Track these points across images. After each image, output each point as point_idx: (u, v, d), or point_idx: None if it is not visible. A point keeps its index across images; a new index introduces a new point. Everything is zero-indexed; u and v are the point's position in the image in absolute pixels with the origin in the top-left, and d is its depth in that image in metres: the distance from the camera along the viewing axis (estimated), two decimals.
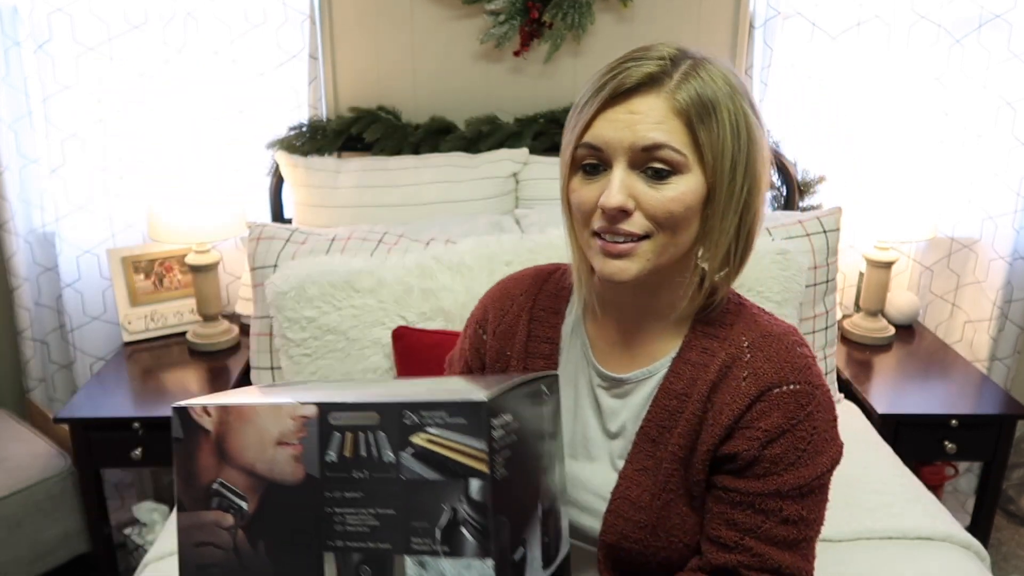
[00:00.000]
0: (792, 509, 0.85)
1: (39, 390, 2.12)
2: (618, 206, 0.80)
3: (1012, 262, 2.11)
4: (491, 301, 1.05)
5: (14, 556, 1.78)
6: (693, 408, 0.88)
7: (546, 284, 1.02)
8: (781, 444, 0.84)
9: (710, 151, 0.80)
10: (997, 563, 2.09)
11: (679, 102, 0.80)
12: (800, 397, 0.85)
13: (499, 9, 1.95)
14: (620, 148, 0.80)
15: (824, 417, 0.86)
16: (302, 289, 1.53)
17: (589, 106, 0.82)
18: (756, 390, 0.85)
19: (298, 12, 1.99)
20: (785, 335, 0.89)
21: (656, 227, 0.81)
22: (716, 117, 0.80)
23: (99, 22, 1.95)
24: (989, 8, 1.99)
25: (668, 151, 0.79)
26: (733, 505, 0.87)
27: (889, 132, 2.09)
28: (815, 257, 1.68)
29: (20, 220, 2.00)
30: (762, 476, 0.85)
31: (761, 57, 2.03)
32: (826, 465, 0.86)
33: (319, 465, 0.63)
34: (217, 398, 0.72)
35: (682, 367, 0.90)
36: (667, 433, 0.89)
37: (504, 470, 0.62)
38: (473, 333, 1.05)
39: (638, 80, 0.80)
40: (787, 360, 0.86)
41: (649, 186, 0.80)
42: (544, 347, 0.99)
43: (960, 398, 1.79)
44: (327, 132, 2.00)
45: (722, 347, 0.89)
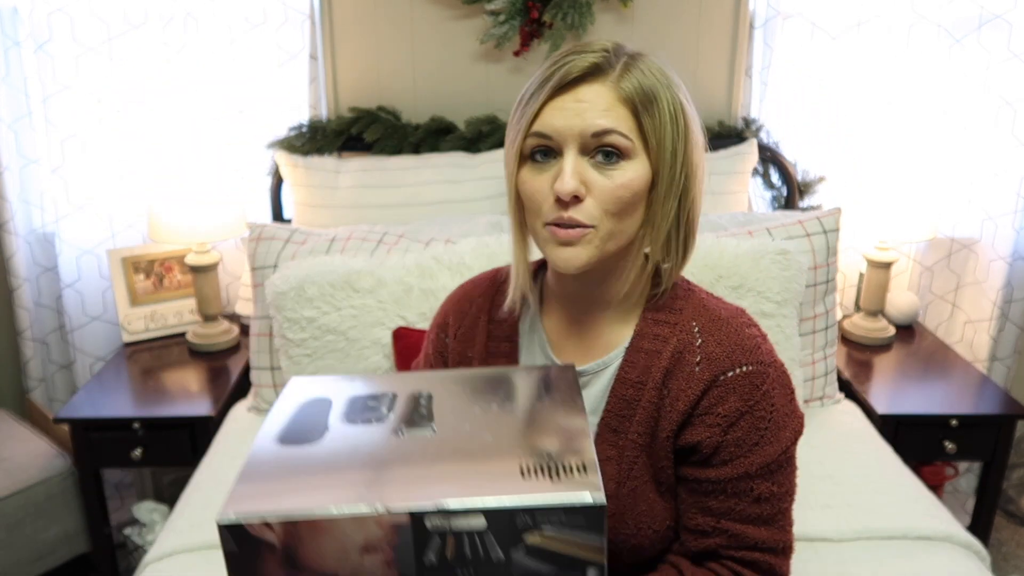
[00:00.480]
0: (763, 487, 0.87)
1: (39, 390, 2.12)
2: (573, 191, 0.81)
3: (1012, 262, 2.11)
4: (451, 305, 1.07)
5: (14, 556, 1.78)
6: (649, 396, 0.90)
7: (504, 284, 1.02)
8: (741, 427, 0.86)
9: (654, 137, 0.84)
10: (997, 563, 2.09)
11: (623, 90, 0.83)
12: (753, 378, 0.87)
13: (499, 9, 1.95)
14: (570, 135, 0.83)
15: (780, 393, 0.88)
16: (302, 289, 1.53)
17: (536, 97, 0.84)
18: (709, 375, 0.87)
19: (298, 12, 1.99)
20: (733, 317, 0.91)
21: (603, 215, 0.83)
22: (657, 106, 0.84)
23: (99, 22, 1.95)
24: (989, 8, 1.99)
25: (617, 136, 0.82)
26: (705, 494, 0.89)
27: (889, 132, 2.09)
28: (815, 257, 1.68)
29: (20, 220, 2.00)
30: (729, 461, 0.87)
31: (761, 57, 2.03)
32: (790, 439, 0.89)
33: (415, 568, 0.60)
34: (275, 500, 0.62)
35: (635, 356, 0.92)
36: (627, 422, 0.91)
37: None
38: (436, 338, 1.08)
39: (583, 70, 0.83)
40: (737, 343, 0.88)
41: (599, 172, 0.83)
42: (504, 346, 1.01)
43: (960, 398, 1.79)
44: (327, 132, 2.00)
45: (673, 333, 0.91)
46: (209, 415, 1.71)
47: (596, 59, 0.83)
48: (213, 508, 1.42)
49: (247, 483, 0.65)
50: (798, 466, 0.92)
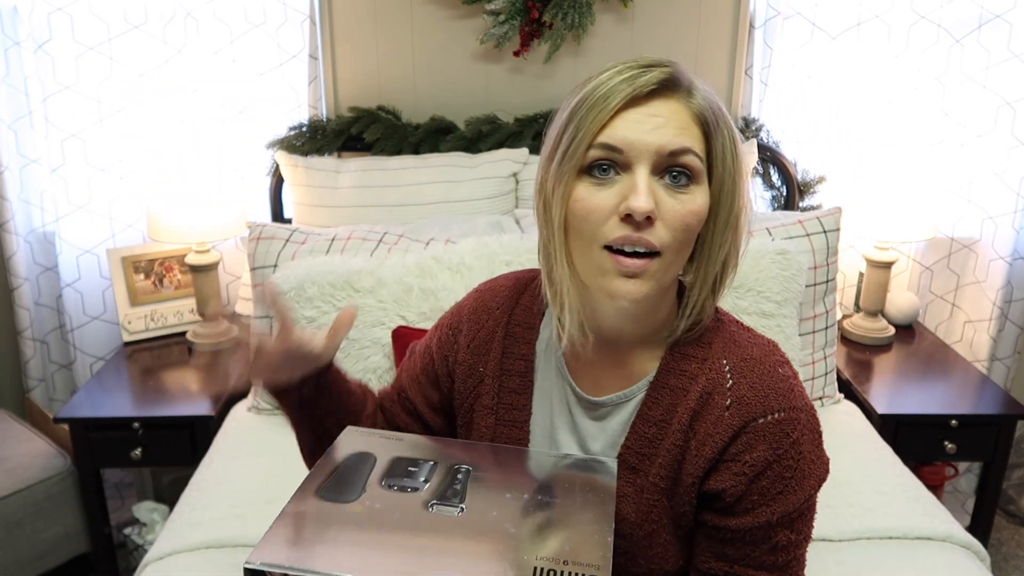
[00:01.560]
0: (782, 535, 0.84)
1: (39, 390, 2.12)
2: (649, 210, 0.74)
3: (1012, 262, 2.11)
4: (467, 313, 1.00)
5: (14, 556, 1.78)
6: (674, 438, 0.84)
7: (522, 297, 0.97)
8: (768, 476, 0.82)
9: (720, 162, 0.79)
10: (997, 563, 2.09)
11: (696, 108, 0.78)
12: (784, 425, 0.82)
13: (499, 9, 1.95)
14: (645, 151, 0.76)
15: (809, 439, 0.84)
16: (302, 289, 1.53)
17: (602, 107, 0.77)
18: (739, 421, 0.82)
19: (298, 12, 1.99)
20: (766, 356, 0.85)
21: (672, 241, 0.77)
22: (719, 129, 0.79)
23: (99, 22, 1.95)
24: (989, 8, 1.99)
25: (693, 157, 0.77)
26: (723, 541, 0.85)
27: (889, 132, 2.09)
28: (815, 257, 1.68)
29: (20, 220, 2.00)
30: (751, 510, 0.83)
31: (761, 57, 2.03)
32: (813, 487, 0.84)
33: None
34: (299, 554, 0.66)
35: (660, 392, 0.86)
36: (647, 461, 0.86)
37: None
38: (444, 338, 1.01)
39: (659, 82, 0.77)
40: (770, 386, 0.83)
41: (669, 194, 0.77)
42: (519, 364, 0.95)
43: (960, 398, 1.79)
44: (327, 132, 2.00)
45: (701, 370, 0.85)
46: (209, 415, 1.71)
47: (670, 71, 0.77)
48: (213, 508, 1.42)
49: (279, 530, 0.69)
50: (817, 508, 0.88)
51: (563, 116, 0.80)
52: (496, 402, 0.95)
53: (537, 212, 0.84)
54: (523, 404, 0.95)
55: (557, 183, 0.79)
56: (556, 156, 0.79)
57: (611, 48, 2.04)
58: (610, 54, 2.04)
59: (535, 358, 0.95)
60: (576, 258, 0.80)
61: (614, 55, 2.06)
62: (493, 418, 0.95)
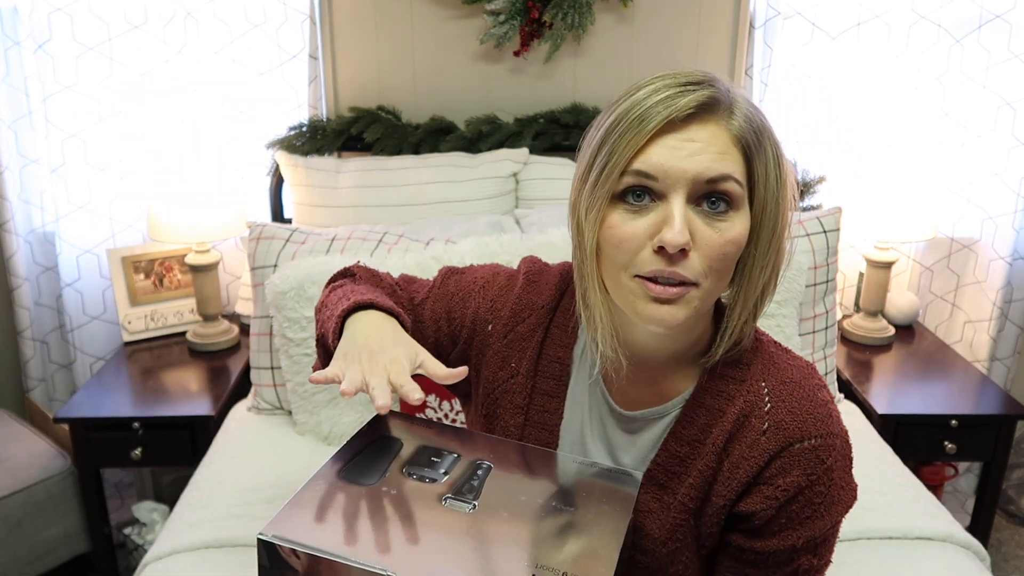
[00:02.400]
0: (804, 560, 0.83)
1: (39, 390, 2.12)
2: (684, 243, 0.71)
3: (1012, 262, 2.11)
4: (512, 303, 0.96)
5: (14, 556, 1.78)
6: (707, 459, 0.83)
7: (564, 298, 0.95)
8: (799, 502, 0.81)
9: (762, 186, 0.75)
10: (997, 563, 2.09)
11: (736, 130, 0.74)
12: (820, 452, 0.81)
13: (499, 9, 1.95)
14: (682, 179, 0.72)
15: (841, 466, 0.83)
16: (302, 289, 1.53)
17: (636, 130, 0.73)
18: (776, 446, 0.80)
19: (298, 12, 1.99)
20: (806, 379, 0.83)
21: (708, 271, 0.74)
22: (763, 148, 0.75)
23: (99, 22, 1.95)
24: (989, 8, 1.99)
25: (732, 184, 0.73)
26: (745, 563, 0.85)
27: (889, 132, 2.09)
28: (815, 257, 1.68)
29: (20, 220, 2.00)
30: (777, 533, 0.82)
31: (761, 57, 2.03)
32: (840, 513, 0.83)
33: None
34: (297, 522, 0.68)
35: (695, 411, 0.84)
36: (676, 480, 0.85)
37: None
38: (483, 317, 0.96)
39: (697, 105, 0.73)
40: (809, 411, 0.81)
41: (706, 223, 0.73)
42: (555, 367, 0.93)
43: (960, 398, 1.79)
44: (327, 132, 2.00)
45: (739, 391, 0.83)
46: (209, 415, 1.71)
47: (709, 93, 0.73)
48: (213, 508, 1.42)
49: (295, 507, 0.70)
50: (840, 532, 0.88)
51: (598, 135, 0.77)
52: (528, 403, 0.93)
53: (571, 232, 0.81)
54: (555, 408, 0.93)
55: (591, 208, 0.76)
56: (589, 179, 0.77)
57: (611, 48, 2.04)
58: (610, 54, 2.04)
59: (572, 363, 0.93)
60: (609, 283, 0.79)
61: (614, 55, 2.07)
62: (523, 418, 0.94)
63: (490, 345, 0.95)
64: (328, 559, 0.64)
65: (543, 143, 2.01)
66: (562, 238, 1.58)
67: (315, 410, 1.60)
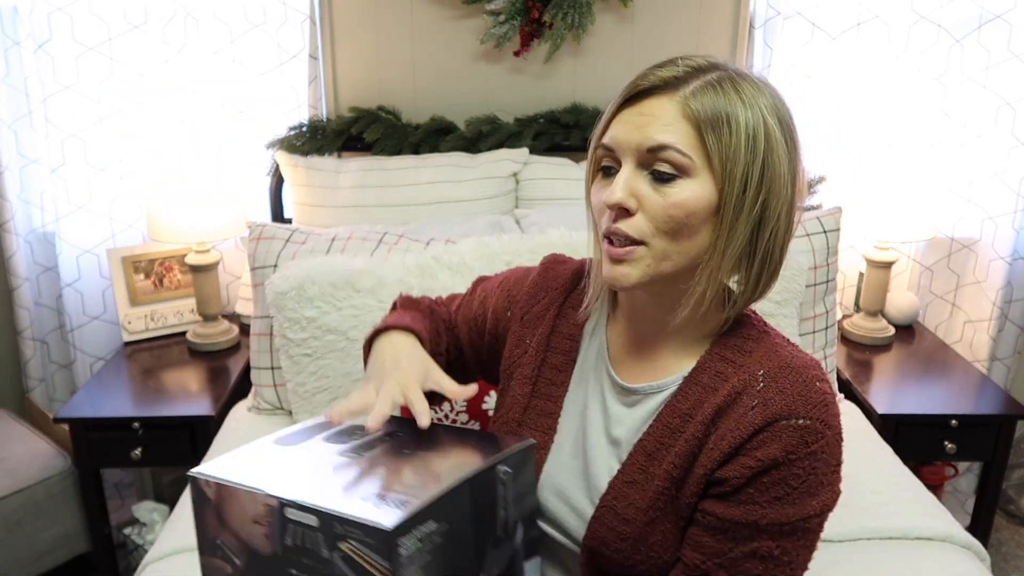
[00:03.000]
0: (765, 544, 0.81)
1: (39, 390, 2.12)
2: (616, 203, 0.81)
3: (1012, 262, 2.11)
4: (528, 287, 1.05)
5: (14, 556, 1.78)
6: (695, 430, 0.85)
7: (581, 283, 1.02)
8: (772, 476, 0.81)
9: (719, 157, 0.80)
10: (997, 563, 2.09)
11: (690, 107, 0.80)
12: (807, 434, 0.81)
13: (499, 9, 1.95)
14: (628, 148, 0.82)
15: (827, 460, 0.82)
16: (302, 289, 1.53)
17: (610, 109, 0.85)
18: (762, 419, 0.82)
19: (298, 12, 1.99)
20: (805, 368, 0.85)
21: (656, 231, 0.81)
22: (729, 127, 0.80)
23: (99, 22, 1.95)
24: (989, 8, 1.99)
25: (672, 152, 0.80)
26: (706, 528, 0.84)
27: (889, 132, 2.09)
28: (815, 257, 1.68)
29: (20, 220, 2.00)
30: (744, 503, 0.82)
31: (761, 57, 2.03)
32: (815, 508, 0.82)
33: (281, 546, 0.73)
34: (221, 464, 0.82)
35: (692, 387, 0.88)
36: (664, 450, 0.87)
37: (419, 572, 0.69)
38: (503, 306, 1.06)
39: (652, 83, 0.82)
40: (802, 394, 0.82)
41: (653, 188, 0.81)
42: (565, 343, 1.00)
43: (960, 398, 1.79)
44: (327, 132, 2.00)
45: (736, 373, 0.86)
46: (209, 415, 1.71)
47: (668, 74, 0.82)
48: None
49: (226, 457, 0.84)
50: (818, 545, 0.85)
51: None
52: (536, 375, 1.00)
53: None
54: (562, 380, 0.99)
55: (587, 177, 0.89)
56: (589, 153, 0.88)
57: (611, 48, 2.04)
58: (610, 54, 2.04)
59: (581, 339, 1.00)
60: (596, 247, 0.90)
61: (614, 55, 2.07)
62: (530, 388, 1.00)
63: (511, 329, 1.04)
64: (224, 485, 0.77)
65: (543, 143, 2.01)
66: (561, 238, 1.58)
67: (315, 411, 1.60)
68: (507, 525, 0.82)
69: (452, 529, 0.73)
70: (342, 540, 0.69)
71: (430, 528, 0.71)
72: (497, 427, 1.02)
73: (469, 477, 0.76)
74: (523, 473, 0.85)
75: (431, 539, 0.71)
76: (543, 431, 0.98)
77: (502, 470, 0.81)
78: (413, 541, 0.69)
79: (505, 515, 0.81)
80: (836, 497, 0.84)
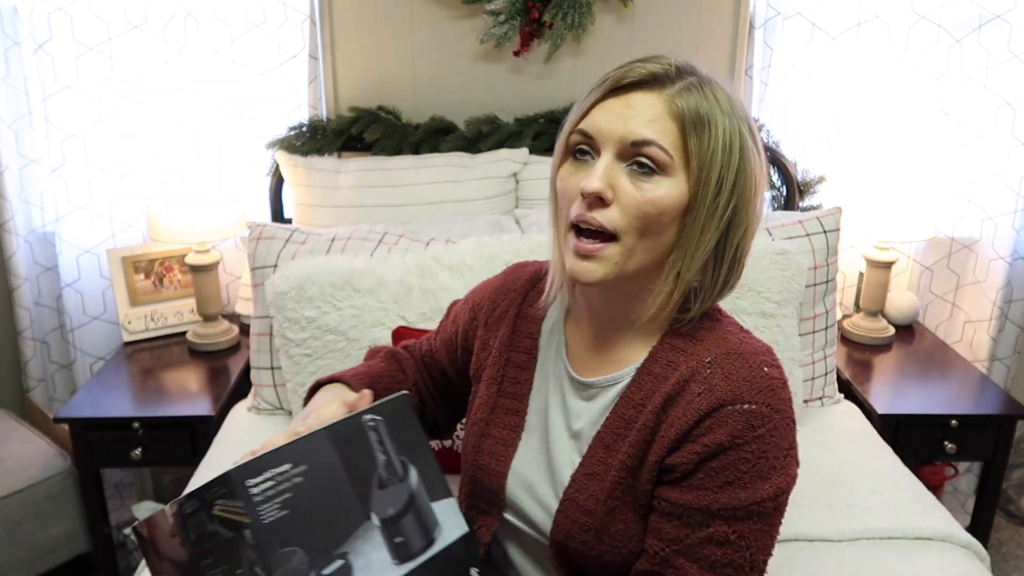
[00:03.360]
0: (720, 529, 0.82)
1: (39, 390, 2.12)
2: (596, 191, 0.80)
3: (1012, 262, 2.11)
4: (488, 293, 1.08)
5: (14, 556, 1.78)
6: (646, 419, 0.87)
7: (541, 282, 1.02)
8: (720, 461, 0.81)
9: (697, 160, 0.81)
10: (997, 563, 2.09)
11: (677, 106, 0.81)
12: (753, 418, 0.81)
13: (499, 9, 1.95)
14: (611, 138, 0.82)
15: (777, 443, 0.82)
16: (302, 289, 1.53)
17: (591, 95, 0.85)
18: (708, 405, 0.82)
19: (298, 12, 1.99)
20: (754, 355, 0.85)
21: (627, 226, 0.81)
22: (710, 131, 0.81)
23: (99, 22, 1.95)
24: (989, 8, 1.99)
25: (656, 149, 0.80)
26: (662, 515, 0.85)
27: (889, 132, 2.09)
28: (815, 257, 1.68)
29: (20, 220, 2.00)
30: (695, 488, 0.83)
31: (761, 57, 2.03)
32: (768, 492, 0.82)
33: (190, 545, 0.76)
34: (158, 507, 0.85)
35: (644, 378, 0.89)
36: (620, 441, 0.89)
37: (283, 511, 0.75)
38: (467, 319, 1.08)
39: (641, 77, 0.82)
40: (747, 379, 0.83)
41: (631, 181, 0.81)
42: (526, 342, 1.01)
43: (960, 398, 1.79)
44: (327, 132, 2.00)
45: (686, 362, 0.87)
46: (209, 415, 1.71)
47: (657, 69, 0.82)
48: None
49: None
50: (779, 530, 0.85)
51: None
52: (502, 375, 1.02)
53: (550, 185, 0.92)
54: (526, 379, 1.00)
55: (554, 160, 0.89)
56: (557, 139, 0.89)
57: (611, 48, 2.04)
58: (610, 54, 2.04)
59: (540, 337, 1.01)
60: (559, 237, 0.89)
61: (614, 55, 2.06)
62: (496, 388, 1.02)
63: (478, 335, 1.06)
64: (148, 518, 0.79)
65: (543, 143, 2.01)
66: None
67: None
68: (392, 467, 0.84)
69: (313, 470, 0.78)
70: (213, 506, 0.75)
71: (284, 469, 0.76)
72: (468, 429, 1.04)
73: (326, 427, 0.81)
74: (399, 421, 0.87)
75: (288, 478, 0.76)
76: (511, 429, 0.99)
77: (368, 418, 0.84)
78: (266, 482, 0.75)
79: (387, 458, 0.84)
80: (791, 481, 0.84)
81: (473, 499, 1.04)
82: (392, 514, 0.82)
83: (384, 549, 0.80)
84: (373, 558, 0.79)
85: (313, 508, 0.77)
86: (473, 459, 1.01)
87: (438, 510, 0.87)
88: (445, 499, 0.88)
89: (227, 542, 0.74)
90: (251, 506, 0.74)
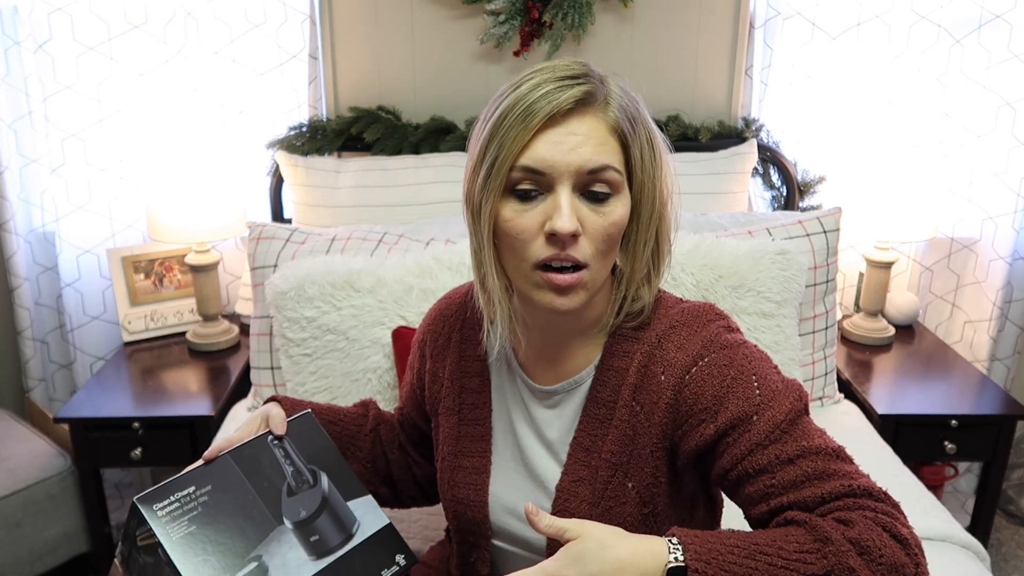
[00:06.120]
0: (785, 448, 0.79)
1: (39, 390, 2.12)
2: (574, 230, 0.78)
3: (1012, 262, 2.11)
4: (427, 326, 1.07)
5: (14, 556, 1.78)
6: (620, 414, 0.87)
7: (471, 300, 1.01)
8: (729, 409, 0.81)
9: (639, 169, 0.82)
10: (997, 563, 2.09)
11: (612, 120, 0.80)
12: (718, 364, 0.83)
13: (499, 9, 1.95)
14: (566, 171, 0.79)
15: (759, 365, 0.83)
16: (302, 289, 1.53)
17: (520, 127, 0.79)
18: (674, 379, 0.84)
19: (298, 12, 1.99)
20: (694, 318, 0.87)
21: (595, 252, 0.81)
22: (637, 134, 0.81)
23: (99, 22, 1.95)
24: (989, 8, 1.99)
25: (612, 172, 0.80)
26: (738, 482, 0.82)
27: (889, 132, 2.09)
28: (815, 257, 1.68)
29: (20, 220, 2.00)
30: (732, 445, 0.81)
31: (761, 57, 2.03)
32: (792, 399, 0.82)
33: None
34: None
35: (605, 374, 0.89)
36: (600, 441, 0.88)
37: (191, 526, 0.82)
38: (418, 355, 1.08)
39: (575, 99, 0.79)
40: (694, 340, 0.85)
41: (591, 210, 0.80)
42: (475, 365, 1.00)
43: (960, 398, 1.79)
44: (327, 132, 2.00)
45: (639, 348, 0.88)
46: (209, 415, 1.71)
47: (587, 88, 0.79)
48: None
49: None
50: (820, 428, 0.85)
51: (485, 130, 0.83)
52: (459, 404, 1.00)
53: (467, 220, 0.90)
54: (483, 402, 0.99)
55: (485, 200, 0.83)
56: (480, 173, 0.84)
57: (611, 48, 2.04)
58: (610, 54, 2.04)
59: (488, 358, 0.99)
60: (510, 271, 0.86)
61: (614, 55, 2.06)
62: (456, 418, 1.00)
63: (427, 371, 1.04)
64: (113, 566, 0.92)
65: None
66: None
67: None
68: (302, 476, 0.92)
69: (218, 489, 0.86)
70: (136, 539, 0.83)
71: (189, 491, 0.84)
72: (439, 465, 1.01)
73: (230, 451, 0.90)
74: (305, 436, 0.96)
75: (194, 498, 0.84)
76: (479, 456, 0.97)
77: (271, 438, 0.93)
78: (172, 504, 0.83)
79: (294, 469, 0.92)
80: (799, 388, 0.84)
81: (462, 534, 1.01)
82: (304, 516, 0.89)
83: (300, 548, 0.87)
84: (289, 557, 0.86)
85: (221, 521, 0.84)
86: (450, 495, 0.99)
87: (356, 508, 0.94)
88: (362, 497, 0.95)
89: (152, 566, 0.82)
90: (161, 527, 0.81)
